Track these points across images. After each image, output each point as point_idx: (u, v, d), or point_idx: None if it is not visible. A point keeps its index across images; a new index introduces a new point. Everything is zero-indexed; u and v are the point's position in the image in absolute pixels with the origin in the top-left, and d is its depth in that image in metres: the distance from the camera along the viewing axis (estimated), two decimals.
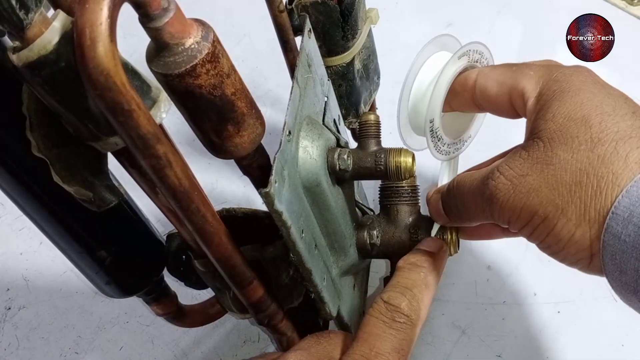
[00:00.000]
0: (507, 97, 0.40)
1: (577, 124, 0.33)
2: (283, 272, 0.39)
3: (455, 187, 0.41)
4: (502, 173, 0.35)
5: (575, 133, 0.33)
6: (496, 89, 0.40)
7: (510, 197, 0.35)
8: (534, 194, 0.34)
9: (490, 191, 0.36)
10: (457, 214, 0.42)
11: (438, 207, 0.43)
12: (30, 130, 0.28)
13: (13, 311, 0.70)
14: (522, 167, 0.35)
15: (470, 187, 0.39)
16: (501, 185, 0.35)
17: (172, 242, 0.42)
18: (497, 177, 0.36)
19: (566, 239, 0.34)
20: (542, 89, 0.37)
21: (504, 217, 0.36)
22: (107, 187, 0.32)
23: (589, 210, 0.32)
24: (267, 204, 0.31)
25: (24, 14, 0.23)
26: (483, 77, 0.42)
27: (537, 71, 0.38)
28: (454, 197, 0.41)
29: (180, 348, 0.65)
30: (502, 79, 0.40)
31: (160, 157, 0.24)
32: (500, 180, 0.35)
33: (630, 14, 0.88)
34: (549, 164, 0.33)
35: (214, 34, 0.28)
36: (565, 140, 0.33)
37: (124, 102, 0.22)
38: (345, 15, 0.51)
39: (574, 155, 0.33)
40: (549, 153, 0.34)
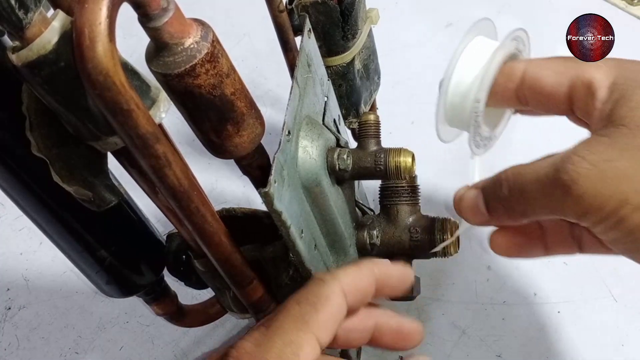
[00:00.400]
0: (565, 88, 0.37)
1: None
2: (283, 272, 0.39)
3: (512, 176, 0.37)
4: (583, 157, 0.32)
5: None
6: (553, 78, 0.37)
7: (596, 184, 0.31)
8: (626, 181, 0.31)
9: (570, 176, 0.32)
10: (509, 207, 0.38)
11: (476, 203, 0.39)
12: (30, 130, 0.28)
13: (13, 311, 0.70)
14: (608, 152, 0.31)
15: (537, 176, 0.34)
16: (583, 170, 0.31)
17: (172, 242, 0.42)
18: (577, 162, 0.32)
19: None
20: (617, 78, 0.34)
21: (581, 208, 0.32)
22: (107, 187, 0.32)
23: None
24: (266, 204, 0.31)
25: (23, 13, 0.23)
26: (536, 66, 0.39)
27: (605, 61, 0.36)
28: (508, 189, 0.37)
29: (180, 348, 0.65)
30: (562, 68, 0.37)
31: (159, 156, 0.24)
32: (583, 164, 0.32)
33: (630, 14, 0.88)
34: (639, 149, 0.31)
35: (214, 34, 0.28)
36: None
37: (123, 102, 0.22)
38: (345, 15, 0.51)
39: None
40: (638, 138, 0.31)
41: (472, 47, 0.43)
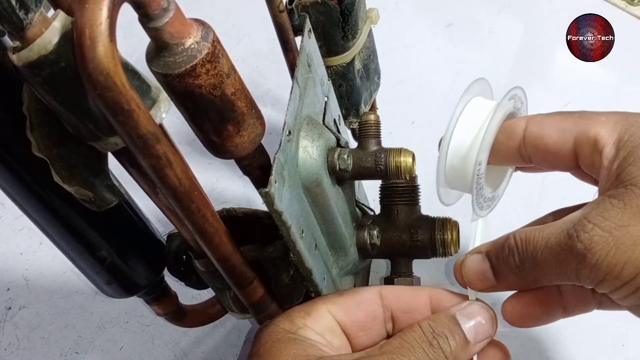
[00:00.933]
0: (570, 145, 0.36)
1: None
2: (283, 272, 0.39)
3: (522, 244, 0.35)
4: (597, 224, 0.31)
5: None
6: (556, 136, 0.36)
7: (611, 251, 0.30)
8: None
9: (584, 245, 0.31)
10: (519, 277, 0.36)
11: (482, 270, 0.38)
12: (31, 130, 0.28)
13: (13, 311, 0.70)
14: (621, 217, 0.31)
15: (549, 243, 0.33)
16: (597, 237, 0.31)
17: (172, 242, 0.42)
18: (590, 229, 0.31)
19: None
20: (622, 135, 0.34)
21: (598, 276, 0.31)
22: (108, 187, 0.32)
23: None
24: (267, 204, 0.31)
25: (24, 14, 0.23)
26: (536, 124, 0.38)
27: (609, 117, 0.35)
28: (519, 257, 0.35)
29: (180, 348, 0.65)
30: (565, 125, 0.36)
31: (160, 156, 0.24)
32: (596, 232, 0.31)
33: (630, 14, 0.88)
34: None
35: (214, 34, 0.28)
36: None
37: (123, 102, 0.22)
38: (346, 15, 0.51)
39: None
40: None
41: (470, 108, 0.42)
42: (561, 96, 0.81)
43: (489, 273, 0.37)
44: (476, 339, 0.35)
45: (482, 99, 0.43)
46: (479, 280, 0.38)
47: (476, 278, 0.38)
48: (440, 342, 0.34)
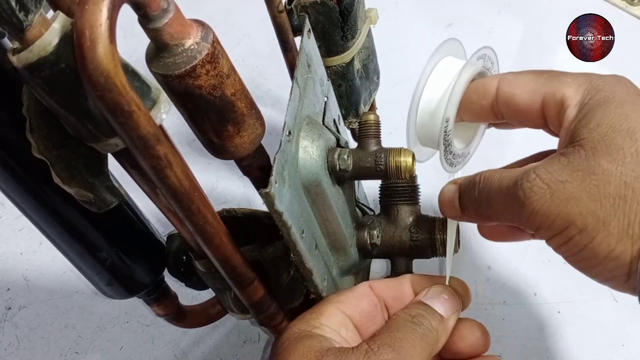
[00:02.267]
0: (539, 105, 0.38)
1: (622, 135, 0.32)
2: (283, 273, 0.39)
3: (483, 181, 0.38)
4: (539, 176, 0.34)
5: (620, 144, 0.32)
6: (526, 96, 0.38)
7: (546, 203, 0.33)
8: (573, 203, 0.32)
9: (524, 193, 0.34)
10: (477, 210, 0.39)
11: (453, 198, 0.41)
12: (31, 131, 0.28)
13: (13, 311, 0.70)
14: (562, 173, 0.33)
15: (500, 186, 0.36)
16: (537, 188, 0.33)
17: (172, 243, 0.42)
18: (533, 179, 0.34)
19: (604, 253, 0.32)
20: (584, 97, 0.35)
21: (534, 223, 0.34)
22: (108, 188, 0.32)
23: (633, 225, 0.31)
24: (267, 205, 0.31)
25: (23, 15, 0.23)
26: (508, 84, 0.40)
27: (575, 78, 0.37)
28: (478, 193, 0.38)
29: (180, 348, 0.65)
30: (534, 86, 0.38)
31: (160, 157, 0.24)
32: (537, 183, 0.33)
33: (630, 14, 0.88)
34: (591, 173, 0.32)
35: (214, 35, 0.28)
36: (610, 151, 0.32)
37: (124, 103, 0.22)
38: (345, 15, 0.51)
39: (618, 168, 0.32)
40: (592, 162, 0.32)
41: (440, 67, 0.43)
42: None
43: (457, 203, 0.40)
44: (447, 312, 0.39)
45: (453, 58, 0.44)
46: (449, 208, 0.41)
47: (447, 206, 0.41)
48: (420, 320, 0.37)
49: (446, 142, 0.42)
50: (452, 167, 0.44)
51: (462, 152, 0.46)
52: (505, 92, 0.39)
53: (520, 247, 0.67)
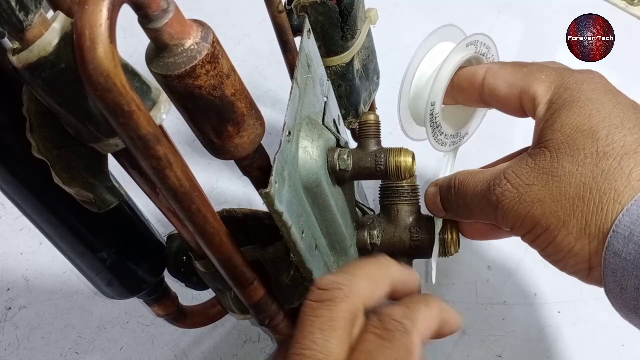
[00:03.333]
0: (517, 99, 0.40)
1: (584, 135, 0.34)
2: (284, 273, 0.39)
3: (458, 185, 0.41)
4: (509, 180, 0.36)
5: (581, 145, 0.33)
6: (506, 89, 0.40)
7: (515, 205, 0.35)
8: (538, 204, 0.34)
9: (496, 197, 0.36)
10: (456, 210, 0.42)
11: (435, 200, 0.43)
12: (31, 131, 0.28)
13: (13, 311, 0.70)
14: (528, 176, 0.35)
15: (475, 189, 0.39)
16: (507, 192, 0.36)
17: (172, 243, 0.42)
18: (503, 184, 0.36)
19: (566, 250, 0.34)
20: (553, 96, 0.37)
21: (508, 223, 0.37)
22: (108, 188, 0.32)
23: (590, 225, 0.33)
24: (267, 205, 0.31)
25: (23, 15, 0.23)
26: (492, 75, 0.41)
27: (548, 75, 0.38)
28: (454, 195, 0.41)
29: (180, 348, 0.65)
30: (513, 80, 0.40)
31: (160, 157, 0.24)
32: (507, 187, 0.36)
33: (630, 14, 0.88)
34: (554, 175, 0.34)
35: (214, 35, 0.28)
36: (572, 152, 0.34)
37: (124, 103, 0.22)
38: (345, 15, 0.51)
39: (579, 169, 0.33)
40: (555, 164, 0.34)
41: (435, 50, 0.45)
42: None
43: (439, 203, 0.43)
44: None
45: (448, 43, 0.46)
46: (435, 209, 0.44)
47: (432, 206, 0.44)
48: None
49: (434, 124, 0.44)
50: (443, 146, 0.47)
51: (454, 132, 0.48)
52: (489, 83, 0.41)
53: (520, 247, 0.67)
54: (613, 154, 0.33)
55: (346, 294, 0.30)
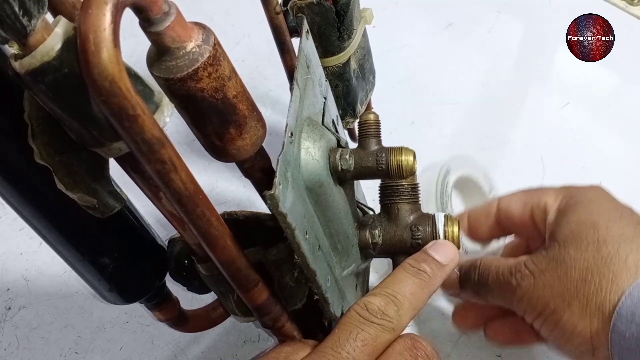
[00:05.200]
0: (529, 214, 0.46)
1: (587, 227, 0.39)
2: (287, 274, 0.39)
3: (482, 266, 0.45)
4: (528, 267, 0.41)
5: (584, 235, 0.39)
6: (520, 208, 0.47)
7: (530, 289, 0.40)
8: (548, 288, 0.39)
9: (517, 281, 0.41)
10: (475, 288, 0.46)
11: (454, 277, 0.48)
12: (33, 137, 0.28)
13: (13, 311, 0.70)
14: (542, 263, 0.40)
15: (498, 274, 0.43)
16: (526, 277, 0.41)
17: (174, 247, 0.42)
18: (523, 270, 0.41)
19: (570, 330, 0.38)
20: (561, 203, 0.43)
21: (522, 307, 0.41)
22: (110, 193, 0.31)
23: (591, 305, 0.37)
24: (271, 206, 0.31)
25: (27, 20, 0.23)
26: (505, 200, 0.48)
27: (555, 190, 0.45)
28: (478, 275, 0.45)
29: (180, 348, 0.65)
30: (525, 199, 0.47)
31: (165, 161, 0.24)
32: (526, 273, 0.41)
33: (630, 14, 0.88)
34: (561, 262, 0.39)
35: (215, 37, 0.28)
36: (576, 241, 0.39)
37: (129, 107, 0.22)
38: (341, 16, 0.51)
39: (582, 254, 0.38)
40: (562, 252, 0.39)
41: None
42: (561, 96, 0.81)
43: (457, 282, 0.48)
44: (446, 259, 0.42)
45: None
46: (450, 285, 0.48)
47: (449, 284, 0.48)
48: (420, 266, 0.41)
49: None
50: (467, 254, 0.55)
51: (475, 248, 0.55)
52: (504, 207, 0.48)
53: None
54: (612, 242, 0.38)
55: (394, 327, 0.36)
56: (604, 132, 0.78)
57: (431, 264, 0.41)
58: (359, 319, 0.36)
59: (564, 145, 0.76)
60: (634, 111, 0.79)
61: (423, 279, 0.40)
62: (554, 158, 0.75)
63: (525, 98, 0.83)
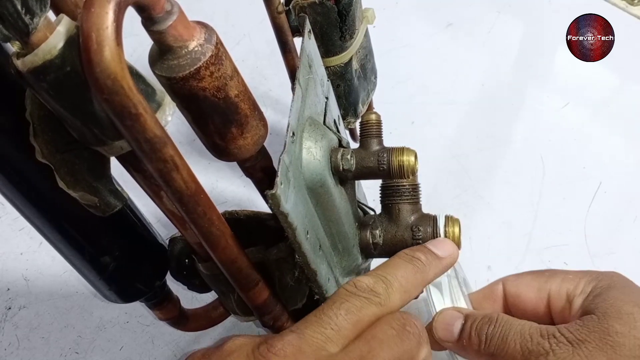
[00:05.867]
0: (545, 302, 0.43)
1: (629, 304, 0.37)
2: (287, 274, 0.39)
3: (501, 322, 0.40)
4: (563, 334, 0.37)
5: (629, 310, 0.37)
6: (534, 294, 0.43)
7: (569, 357, 0.36)
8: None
9: (551, 347, 0.37)
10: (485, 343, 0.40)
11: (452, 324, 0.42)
12: (34, 136, 0.28)
13: (13, 311, 0.70)
14: (581, 333, 0.37)
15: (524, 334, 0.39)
16: (562, 345, 0.37)
17: (174, 246, 0.42)
18: (559, 337, 0.37)
19: None
20: (587, 286, 0.41)
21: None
22: (111, 192, 0.31)
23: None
24: (273, 206, 0.31)
25: (29, 19, 0.23)
26: (513, 285, 0.45)
27: (575, 274, 0.42)
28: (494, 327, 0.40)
29: (180, 348, 0.65)
30: (538, 284, 0.43)
31: (167, 160, 0.24)
32: (562, 340, 0.37)
33: (630, 14, 0.89)
34: (606, 334, 0.36)
35: (217, 36, 0.28)
36: (620, 316, 0.37)
37: (131, 106, 0.22)
38: (343, 16, 0.51)
39: (631, 331, 0.36)
40: (605, 324, 0.37)
41: None
42: (561, 96, 0.81)
43: (456, 329, 0.42)
44: (443, 253, 0.41)
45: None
46: (443, 329, 0.43)
47: (442, 327, 0.43)
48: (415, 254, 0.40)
49: None
50: None
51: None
52: (512, 293, 0.45)
53: (520, 246, 0.68)
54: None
55: (381, 302, 0.35)
56: (604, 132, 0.78)
57: (427, 254, 0.40)
58: (346, 293, 0.35)
59: (564, 145, 0.76)
60: (634, 111, 0.79)
61: (416, 265, 0.39)
62: (554, 158, 0.75)
63: (525, 98, 0.83)
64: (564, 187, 0.72)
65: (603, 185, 0.71)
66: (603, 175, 0.72)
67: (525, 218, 0.70)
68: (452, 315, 0.43)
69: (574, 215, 0.70)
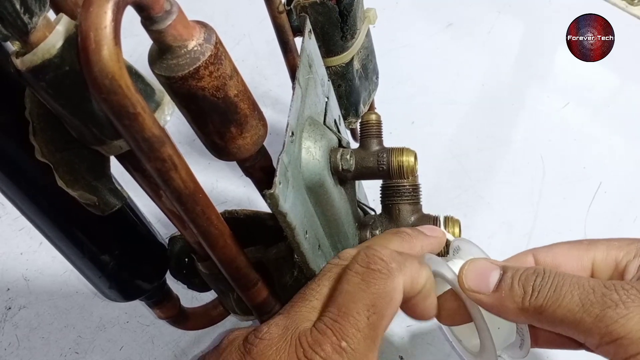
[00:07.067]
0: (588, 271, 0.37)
1: None
2: (286, 273, 0.39)
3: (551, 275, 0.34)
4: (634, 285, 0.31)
5: None
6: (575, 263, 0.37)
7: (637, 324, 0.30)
8: None
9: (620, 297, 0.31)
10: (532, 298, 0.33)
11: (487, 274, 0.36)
12: (34, 134, 0.28)
13: (13, 311, 0.70)
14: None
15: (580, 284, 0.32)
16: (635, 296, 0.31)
17: (174, 245, 0.42)
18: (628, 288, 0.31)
19: None
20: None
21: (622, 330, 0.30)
22: (111, 191, 0.31)
23: None
24: (271, 205, 0.31)
25: (28, 18, 0.23)
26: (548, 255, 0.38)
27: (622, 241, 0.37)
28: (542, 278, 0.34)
29: (180, 348, 0.65)
30: (578, 253, 0.37)
31: (165, 160, 0.24)
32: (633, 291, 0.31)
33: (630, 14, 0.89)
34: None
35: (216, 36, 0.27)
36: None
37: (129, 105, 0.22)
38: (344, 16, 0.51)
39: None
40: None
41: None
42: (561, 96, 0.81)
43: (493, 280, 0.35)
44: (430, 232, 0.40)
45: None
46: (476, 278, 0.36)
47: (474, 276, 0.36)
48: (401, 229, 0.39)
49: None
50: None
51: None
52: (547, 263, 0.38)
53: (520, 246, 0.67)
54: None
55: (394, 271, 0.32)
56: (604, 132, 0.78)
57: (414, 230, 0.39)
58: (329, 266, 0.34)
59: (564, 145, 0.76)
60: (634, 111, 0.79)
61: (402, 236, 0.38)
62: (554, 158, 0.75)
63: (526, 98, 0.83)
64: (564, 187, 0.72)
65: (603, 186, 0.71)
66: (603, 175, 0.72)
67: (525, 218, 0.70)
68: (486, 266, 0.36)
69: (574, 215, 0.70)
